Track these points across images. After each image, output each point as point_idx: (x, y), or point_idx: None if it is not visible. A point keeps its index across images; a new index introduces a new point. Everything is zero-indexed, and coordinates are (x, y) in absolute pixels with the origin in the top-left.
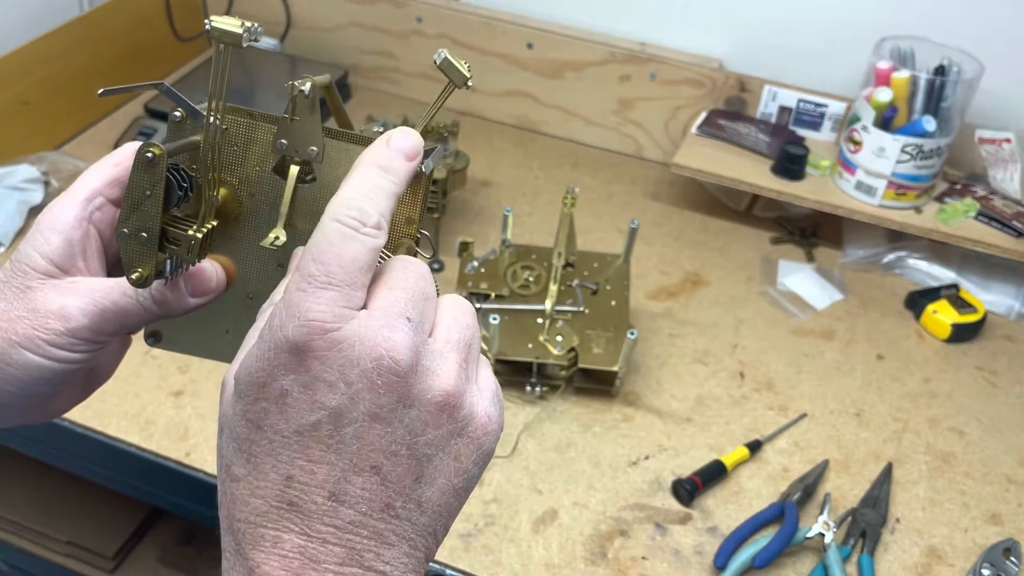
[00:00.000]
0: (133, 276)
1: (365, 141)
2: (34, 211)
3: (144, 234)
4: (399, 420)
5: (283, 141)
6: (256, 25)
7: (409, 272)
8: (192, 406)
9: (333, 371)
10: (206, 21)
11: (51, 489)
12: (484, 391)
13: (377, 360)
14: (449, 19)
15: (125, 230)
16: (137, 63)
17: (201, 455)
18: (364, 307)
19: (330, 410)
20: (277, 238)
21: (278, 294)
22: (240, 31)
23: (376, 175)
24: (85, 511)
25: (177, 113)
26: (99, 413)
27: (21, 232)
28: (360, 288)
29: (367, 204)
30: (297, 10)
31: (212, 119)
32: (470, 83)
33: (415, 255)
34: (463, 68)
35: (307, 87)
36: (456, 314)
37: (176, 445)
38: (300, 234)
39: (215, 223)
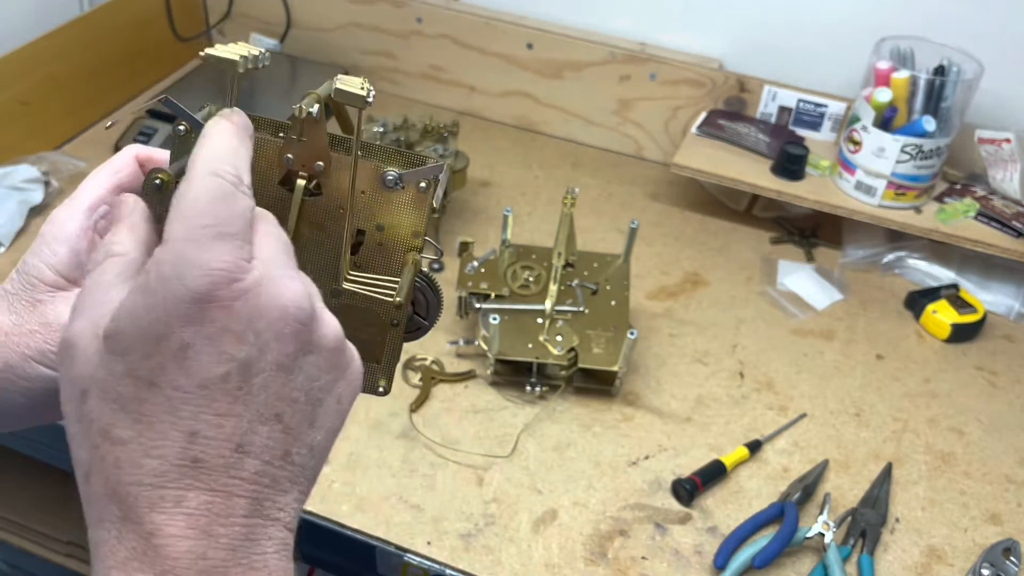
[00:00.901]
0: None
1: (371, 150)
2: (34, 211)
3: None
4: (299, 367)
5: (289, 156)
6: (264, 52)
7: (273, 223)
8: None
9: (241, 321)
10: (201, 53)
11: (51, 489)
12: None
13: (283, 308)
14: (449, 19)
15: None
16: (137, 63)
17: None
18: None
19: (239, 362)
20: None
21: (96, 253)
22: (235, 58)
23: (236, 140)
24: None
25: (181, 127)
26: None
27: (21, 232)
28: (249, 242)
29: (240, 164)
30: (297, 10)
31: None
32: (370, 99)
33: (421, 265)
34: (357, 88)
35: (315, 109)
36: None
37: None
38: (305, 245)
39: None
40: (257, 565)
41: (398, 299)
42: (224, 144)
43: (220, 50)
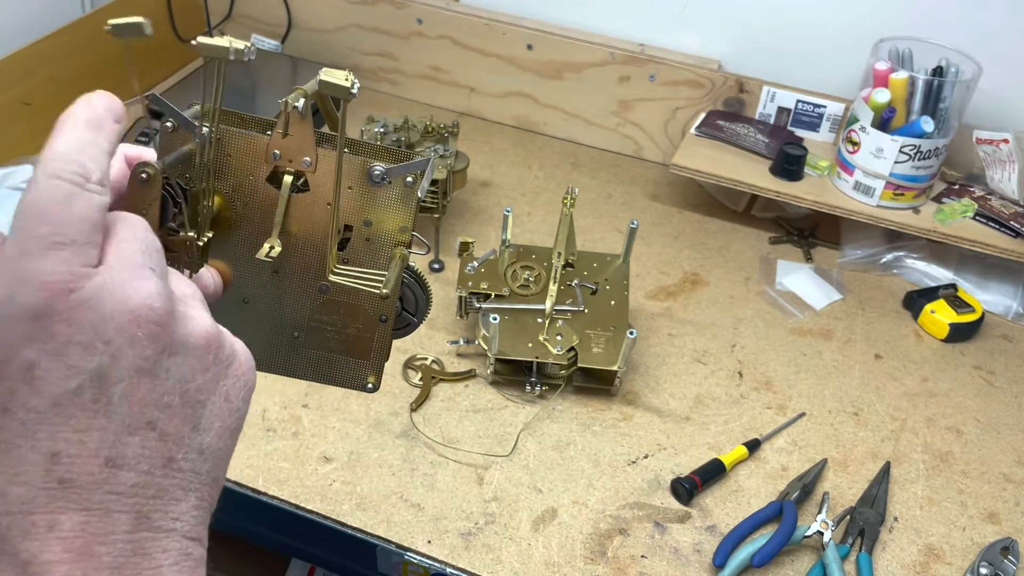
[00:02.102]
0: None
1: (358, 147)
2: None
3: None
4: (166, 370)
5: (276, 152)
6: (249, 46)
7: (135, 225)
8: None
9: (86, 331)
10: (193, 41)
11: None
12: (217, 326)
13: (134, 311)
14: (449, 20)
15: None
16: (139, 64)
17: None
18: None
19: (90, 373)
20: (272, 248)
21: None
22: (226, 44)
23: (88, 132)
24: None
25: (169, 124)
26: None
27: None
28: (94, 246)
29: (87, 160)
30: (298, 11)
31: (210, 133)
32: (354, 91)
33: (408, 259)
34: (341, 80)
35: (300, 103)
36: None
37: None
38: (293, 240)
39: (211, 234)
40: None
41: (384, 291)
42: (71, 137)
43: (208, 40)
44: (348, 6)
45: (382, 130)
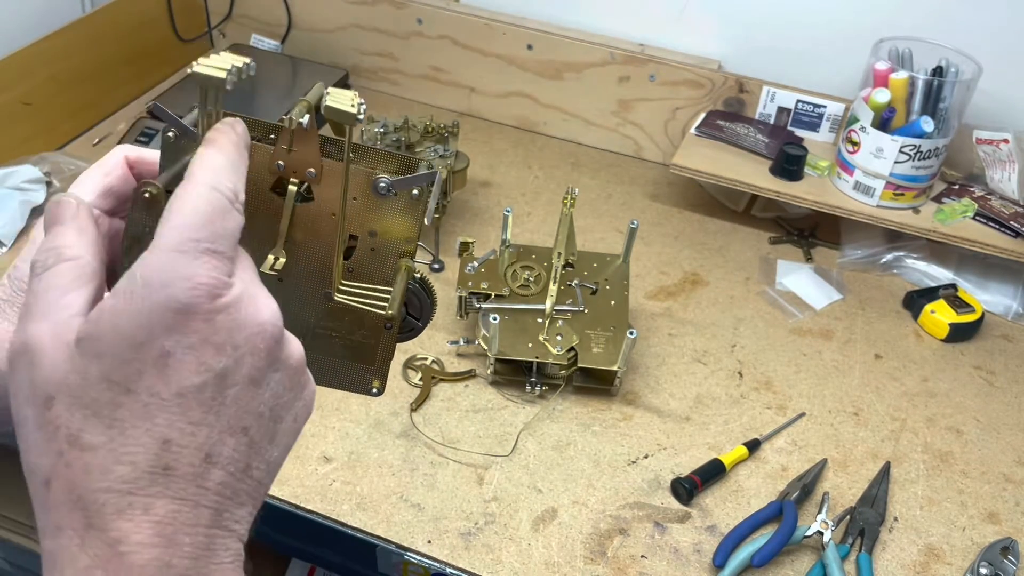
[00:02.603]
0: None
1: (364, 152)
2: (36, 211)
3: None
4: (268, 383)
5: (280, 163)
6: (246, 63)
7: (247, 254)
8: None
9: (221, 334)
10: (191, 65)
11: None
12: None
13: (261, 325)
14: (449, 20)
15: (126, 264)
16: (139, 64)
17: None
18: None
19: (216, 372)
20: (277, 260)
21: (41, 254)
22: (223, 75)
23: (237, 155)
24: None
25: (171, 133)
26: None
27: (23, 232)
28: (232, 261)
29: (238, 181)
30: (298, 11)
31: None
32: (360, 116)
33: (414, 270)
34: (347, 105)
35: (305, 120)
36: None
37: None
38: (298, 249)
39: None
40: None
41: (390, 312)
42: (227, 157)
43: (206, 66)
44: (348, 6)
45: (382, 130)
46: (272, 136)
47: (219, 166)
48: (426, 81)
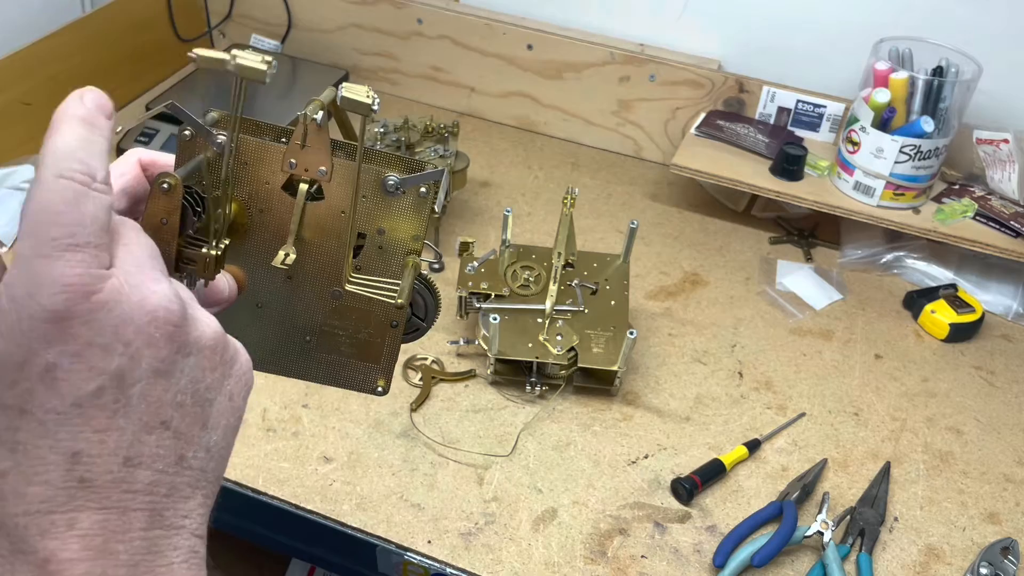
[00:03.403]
0: None
1: (372, 155)
2: None
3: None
4: (180, 370)
5: (292, 160)
6: (274, 60)
7: (136, 229)
8: None
9: (106, 333)
10: (228, 57)
11: None
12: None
13: (151, 313)
14: (449, 20)
15: None
16: (139, 64)
17: None
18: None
19: (110, 374)
20: (288, 255)
21: None
22: (264, 67)
23: (86, 129)
24: None
25: (187, 132)
26: None
27: None
28: (105, 249)
29: (91, 159)
30: (298, 11)
31: (231, 145)
32: (375, 107)
33: (420, 267)
34: (363, 96)
35: (319, 116)
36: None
37: None
38: (308, 247)
39: (228, 241)
40: None
41: (400, 300)
42: (72, 135)
43: (246, 59)
44: (348, 6)
45: (382, 130)
46: (283, 140)
47: (62, 149)
48: (426, 81)
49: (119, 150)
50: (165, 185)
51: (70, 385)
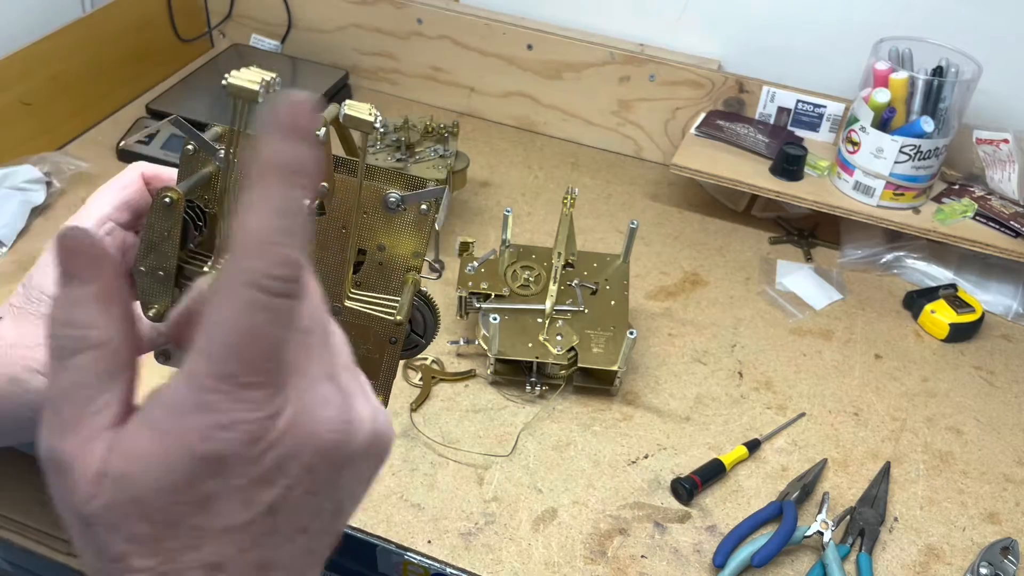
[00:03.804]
0: (150, 313)
1: (374, 172)
2: (36, 211)
3: (161, 272)
4: (332, 485)
5: None
6: (275, 77)
7: (324, 335)
8: None
9: (270, 472)
10: (224, 78)
11: None
12: (379, 407)
13: (317, 447)
14: (449, 20)
15: (142, 268)
16: (139, 64)
17: None
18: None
19: (266, 504)
20: None
21: (61, 329)
22: (256, 87)
23: (288, 193)
24: None
25: (190, 147)
26: None
27: (23, 233)
28: (284, 378)
29: (290, 249)
30: (298, 11)
31: (230, 161)
32: (377, 125)
33: (420, 284)
34: (365, 114)
35: (322, 132)
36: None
37: None
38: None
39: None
40: None
41: (398, 317)
42: (275, 211)
43: (239, 79)
44: (348, 6)
45: (382, 130)
46: None
47: (264, 236)
48: (426, 81)
49: (119, 150)
50: (167, 199)
51: (224, 515)
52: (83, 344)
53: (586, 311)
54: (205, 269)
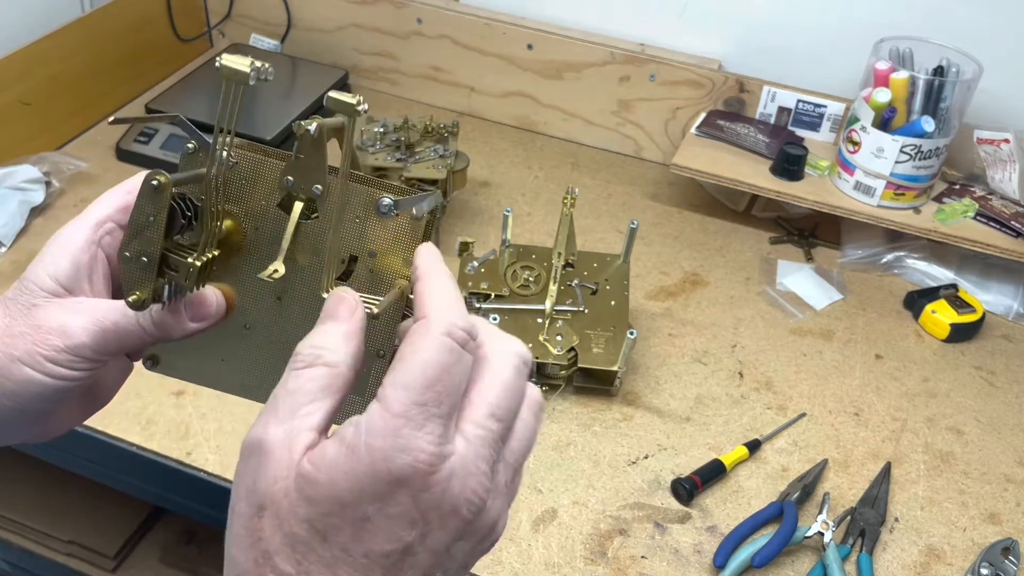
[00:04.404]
0: (130, 299)
1: (369, 182)
2: (35, 211)
3: (144, 259)
4: (450, 552)
5: (289, 178)
6: (266, 65)
7: (511, 384)
8: (193, 406)
9: (421, 510)
10: (216, 59)
11: (52, 488)
12: (506, 514)
13: (455, 507)
14: (449, 20)
15: (127, 253)
16: (138, 64)
17: (202, 455)
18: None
19: (404, 543)
20: (276, 271)
21: (306, 347)
22: (247, 69)
23: (452, 282)
24: (86, 510)
25: (190, 145)
26: (100, 413)
27: (22, 232)
28: (455, 421)
29: (469, 315)
30: (298, 11)
31: (219, 151)
32: (359, 108)
33: (409, 292)
34: (349, 98)
35: (312, 127)
36: (530, 429)
37: (177, 445)
38: (300, 269)
39: (216, 252)
40: None
41: (374, 311)
42: (452, 290)
43: (231, 60)
44: (348, 6)
45: (382, 130)
46: (282, 163)
47: (452, 303)
48: (426, 81)
49: (119, 150)
50: (155, 183)
51: (371, 539)
52: (317, 359)
53: (586, 311)
54: (189, 259)
